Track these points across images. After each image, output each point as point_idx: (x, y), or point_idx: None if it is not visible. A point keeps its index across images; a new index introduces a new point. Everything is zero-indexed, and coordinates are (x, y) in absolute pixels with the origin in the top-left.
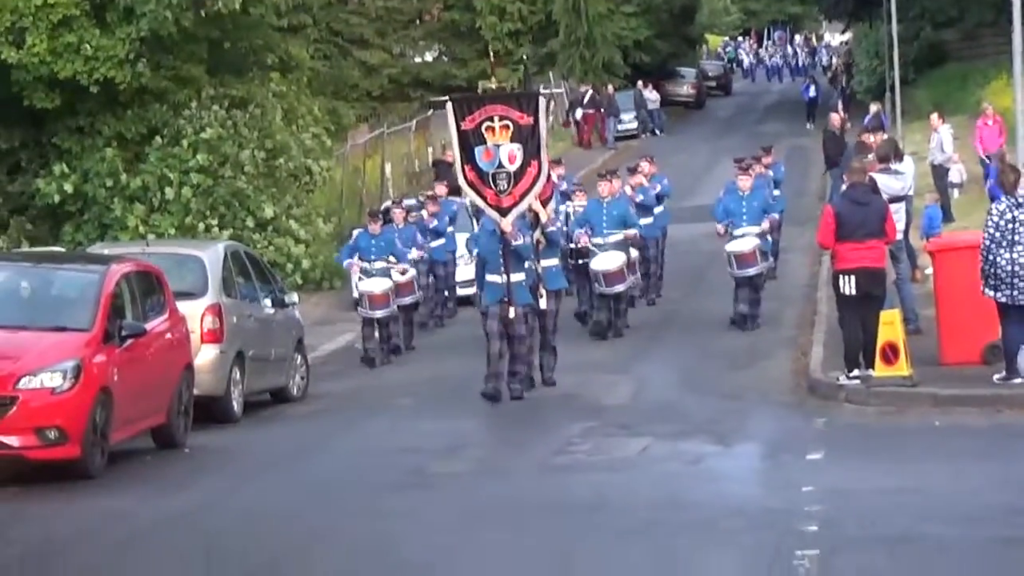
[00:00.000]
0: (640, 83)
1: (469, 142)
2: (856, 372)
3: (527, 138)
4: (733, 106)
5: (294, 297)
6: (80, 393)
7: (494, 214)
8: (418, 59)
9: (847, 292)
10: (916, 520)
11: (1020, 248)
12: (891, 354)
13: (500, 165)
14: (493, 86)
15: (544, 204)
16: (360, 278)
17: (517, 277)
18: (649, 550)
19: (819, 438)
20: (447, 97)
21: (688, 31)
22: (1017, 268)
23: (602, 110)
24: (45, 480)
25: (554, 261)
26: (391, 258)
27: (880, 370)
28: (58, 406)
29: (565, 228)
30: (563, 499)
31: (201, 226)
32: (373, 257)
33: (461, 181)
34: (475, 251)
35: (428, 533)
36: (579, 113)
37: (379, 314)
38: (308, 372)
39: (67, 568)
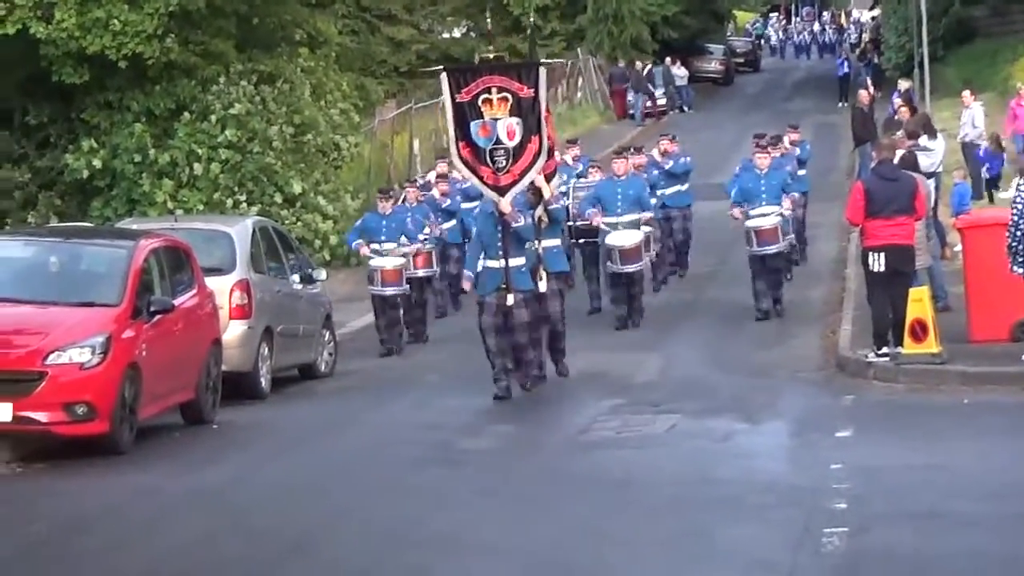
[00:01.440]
0: (668, 59)
1: (465, 116)
2: (885, 349)
3: (527, 112)
4: (761, 83)
5: (322, 273)
6: (109, 368)
7: (491, 194)
8: (446, 35)
9: (876, 269)
10: (944, 497)
11: None
12: (920, 331)
13: (498, 141)
14: (491, 56)
15: (547, 179)
16: (370, 257)
17: (516, 261)
18: (678, 526)
19: (848, 415)
20: (441, 67)
21: (716, 7)
22: None
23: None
24: (74, 456)
25: (556, 241)
26: (403, 239)
27: (909, 347)
28: (87, 381)
29: (568, 204)
30: (591, 475)
31: (229, 202)
32: (383, 239)
33: (455, 158)
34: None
35: (455, 509)
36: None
37: (389, 291)
38: (336, 348)
39: (96, 543)
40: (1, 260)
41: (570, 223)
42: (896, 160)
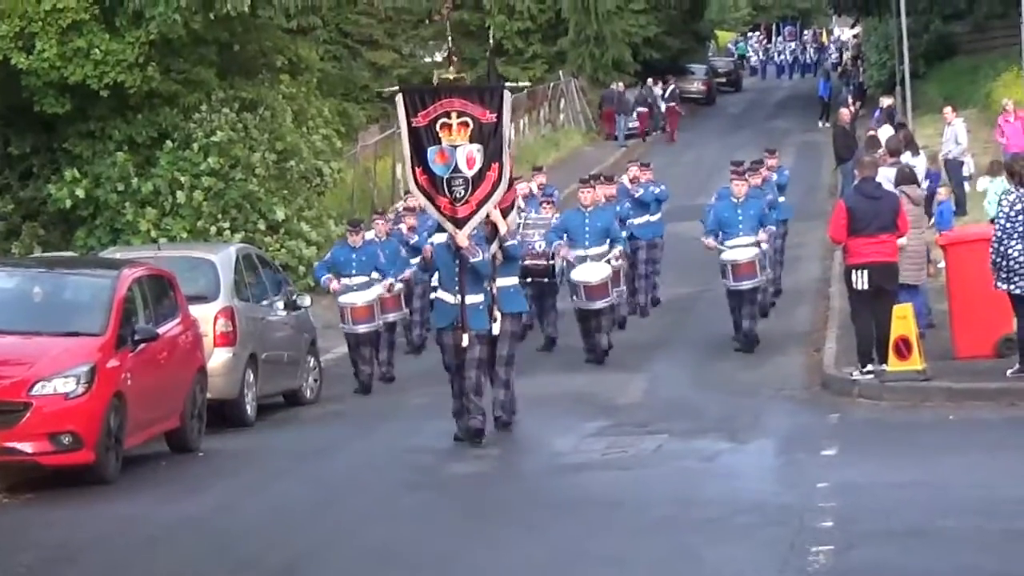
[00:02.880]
0: (650, 80)
1: (421, 141)
2: (870, 367)
3: (488, 138)
4: (744, 102)
5: (306, 300)
6: (94, 398)
7: (449, 226)
8: (428, 59)
9: (860, 287)
10: (931, 514)
11: None
12: (904, 348)
13: (456, 169)
14: (451, 77)
15: (504, 214)
16: (340, 292)
17: (474, 299)
18: (665, 547)
19: (833, 434)
20: (397, 87)
21: (697, 27)
22: None
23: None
24: (60, 486)
25: (512, 280)
26: (374, 274)
27: (893, 365)
28: (72, 411)
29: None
30: (578, 497)
31: (213, 229)
32: (354, 272)
33: (411, 185)
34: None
35: (444, 533)
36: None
37: (362, 329)
38: (321, 375)
39: (83, 573)
40: None
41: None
42: (895, 175)
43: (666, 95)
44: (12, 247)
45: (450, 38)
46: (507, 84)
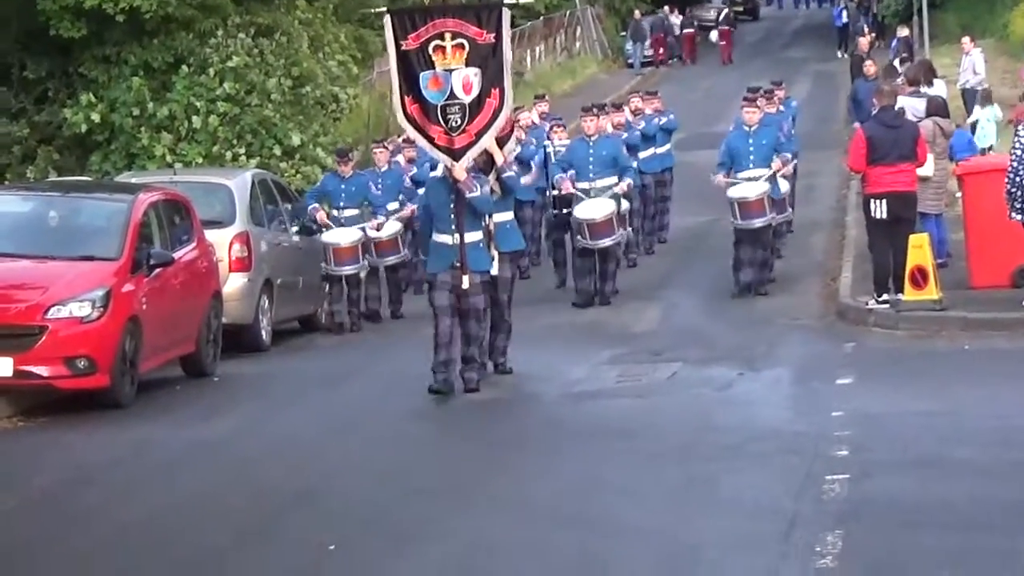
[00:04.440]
0: (666, 8)
1: (412, 66)
2: (885, 296)
3: (487, 60)
4: (761, 31)
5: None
6: (109, 322)
7: (444, 157)
8: None
9: (878, 216)
10: (946, 443)
11: None
12: (920, 278)
13: (452, 96)
14: None
15: (501, 144)
16: (326, 228)
17: (472, 237)
18: (680, 474)
19: (848, 363)
20: (384, 8)
21: None
22: None
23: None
24: (75, 409)
25: (508, 215)
26: (365, 205)
27: (909, 294)
28: (87, 335)
29: (546, 171)
30: (594, 425)
31: (228, 155)
32: (343, 204)
33: (400, 117)
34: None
35: (458, 460)
36: (714, 35)
37: (346, 270)
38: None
39: (99, 496)
40: (1, 216)
41: (555, 192)
42: (927, 105)
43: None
44: (27, 171)
45: None
46: (506, 1)
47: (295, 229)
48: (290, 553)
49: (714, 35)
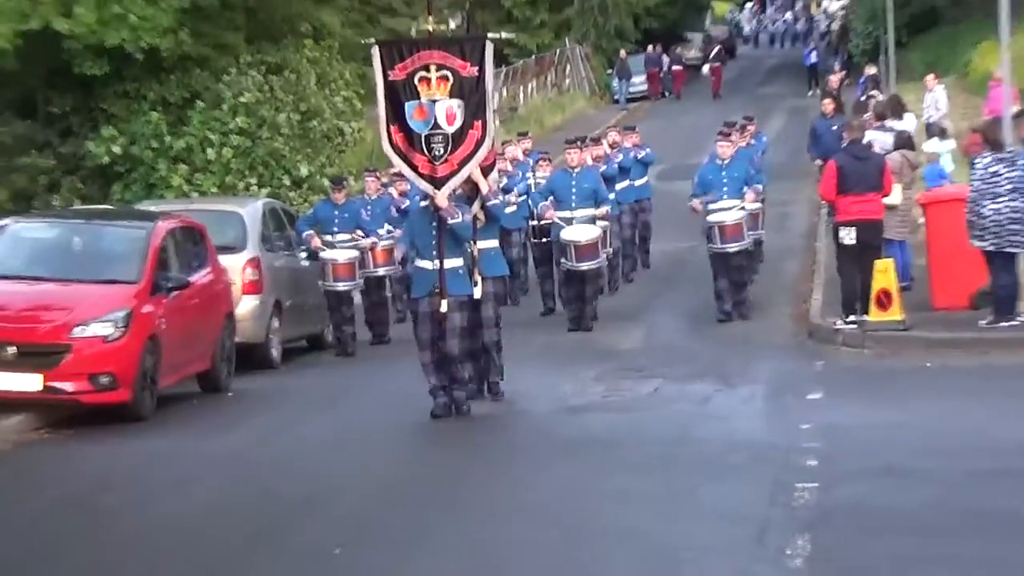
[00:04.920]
0: (650, 47)
1: (398, 96)
2: (853, 317)
3: (470, 92)
4: (737, 69)
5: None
6: (130, 341)
7: (426, 185)
8: (443, 27)
9: (847, 242)
10: (908, 454)
11: (1003, 199)
12: (885, 300)
13: (436, 126)
14: (430, 28)
15: (485, 173)
16: (321, 250)
17: (453, 263)
18: (661, 483)
19: (818, 379)
20: (373, 40)
21: None
22: (1001, 217)
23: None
24: (99, 423)
25: (493, 243)
26: (357, 232)
27: (875, 315)
28: (110, 353)
29: (527, 203)
30: (581, 437)
31: (241, 184)
32: (336, 230)
33: (385, 145)
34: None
35: (455, 470)
36: (705, 69)
37: (342, 287)
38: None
39: (120, 502)
40: (28, 241)
41: (534, 222)
42: (894, 139)
43: (671, 59)
44: (53, 200)
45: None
46: (489, 35)
47: (303, 254)
48: (298, 556)
49: (705, 69)
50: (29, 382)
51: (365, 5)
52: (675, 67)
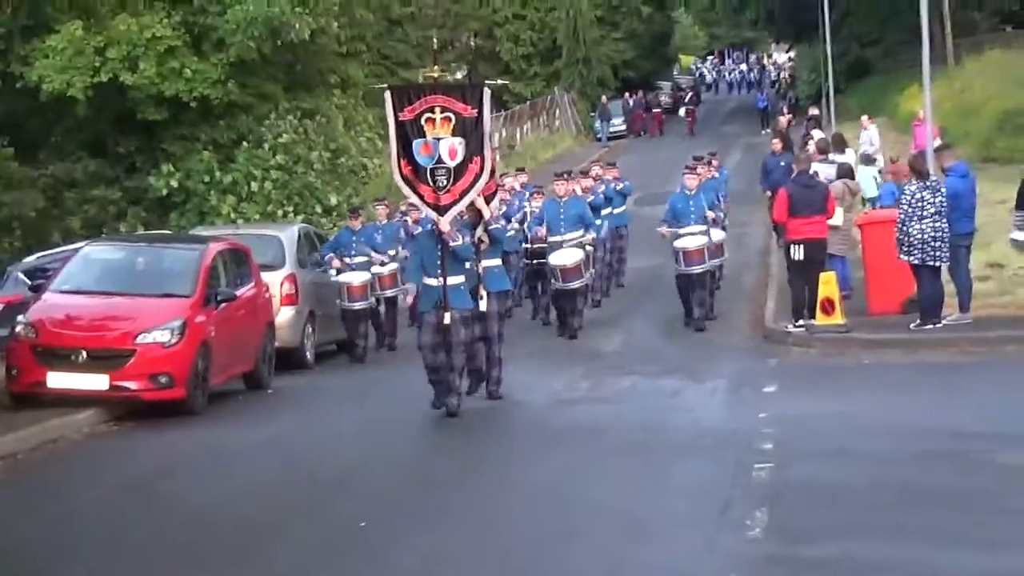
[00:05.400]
0: (627, 94)
1: (407, 134)
2: (801, 322)
3: (470, 132)
4: (703, 111)
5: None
6: (185, 346)
7: (431, 212)
8: (450, 77)
9: (796, 257)
10: (851, 438)
11: (928, 220)
12: (829, 307)
13: (439, 160)
14: (435, 75)
15: (487, 202)
16: (340, 271)
17: (455, 280)
18: (638, 464)
19: (772, 375)
20: (385, 85)
21: (665, 52)
22: (926, 236)
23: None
24: (157, 417)
25: (496, 261)
26: (373, 255)
27: (820, 319)
28: (167, 357)
29: (523, 229)
30: (570, 425)
31: (280, 212)
32: (354, 253)
33: (396, 176)
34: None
35: (463, 456)
36: (682, 111)
37: (357, 306)
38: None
39: (177, 485)
40: (99, 261)
41: (527, 245)
42: (837, 169)
43: (650, 104)
44: (120, 226)
45: (435, 41)
46: (487, 82)
47: (333, 272)
48: (330, 528)
49: (682, 111)
50: (98, 382)
51: (384, 59)
52: (654, 110)
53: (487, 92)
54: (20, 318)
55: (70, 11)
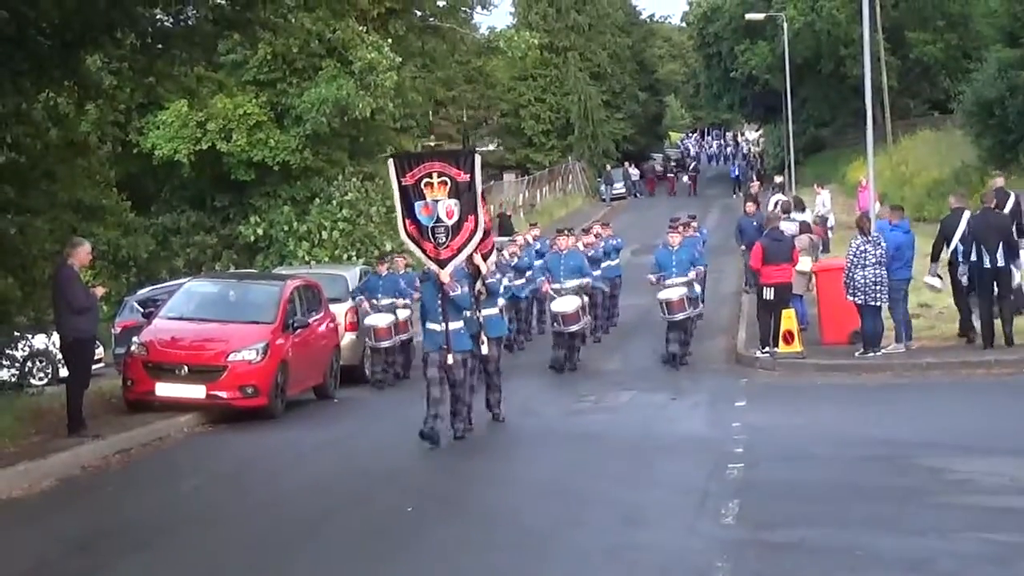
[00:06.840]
0: (626, 163)
1: (409, 197)
2: (767, 349)
3: (464, 193)
4: (688, 179)
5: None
6: (268, 363)
7: (433, 266)
8: (483, 148)
9: (768, 297)
10: (808, 444)
11: (870, 268)
12: (789, 337)
13: (438, 219)
14: (432, 145)
15: (484, 258)
16: (368, 312)
17: (455, 325)
18: (632, 462)
19: (743, 392)
20: (389, 154)
21: (657, 129)
22: (868, 281)
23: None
24: (245, 420)
25: (494, 310)
26: (398, 299)
27: (782, 348)
28: (254, 372)
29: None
30: (578, 431)
31: (345, 256)
32: (380, 295)
33: (402, 234)
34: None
35: (487, 457)
36: (685, 178)
37: (383, 345)
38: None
39: (260, 475)
40: (199, 294)
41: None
42: (799, 225)
43: (647, 171)
44: (216, 266)
45: (431, 119)
46: (477, 149)
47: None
48: (381, 513)
49: (685, 178)
50: (196, 391)
51: (431, 133)
52: (668, 175)
53: (478, 158)
54: (134, 339)
55: (177, 92)
